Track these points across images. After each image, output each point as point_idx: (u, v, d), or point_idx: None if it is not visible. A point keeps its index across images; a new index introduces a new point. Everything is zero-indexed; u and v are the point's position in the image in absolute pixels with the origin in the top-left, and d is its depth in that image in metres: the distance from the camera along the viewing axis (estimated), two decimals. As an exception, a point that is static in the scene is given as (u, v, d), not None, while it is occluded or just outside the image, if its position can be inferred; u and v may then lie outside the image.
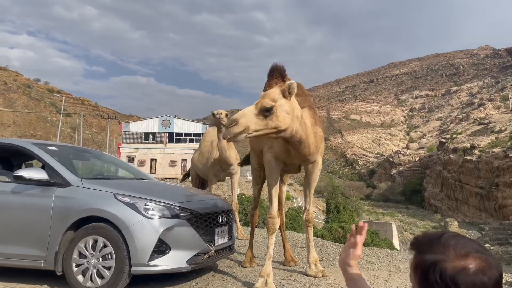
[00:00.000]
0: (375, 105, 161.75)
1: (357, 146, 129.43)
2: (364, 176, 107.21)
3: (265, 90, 5.01)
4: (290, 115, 3.54)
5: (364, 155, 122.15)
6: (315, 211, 45.58)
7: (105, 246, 3.63)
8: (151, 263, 3.59)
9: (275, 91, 3.54)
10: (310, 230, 4.64)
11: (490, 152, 53.41)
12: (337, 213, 25.28)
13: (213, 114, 6.73)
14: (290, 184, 55.88)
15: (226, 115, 6.72)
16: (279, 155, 4.17)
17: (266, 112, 3.41)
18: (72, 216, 3.77)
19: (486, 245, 36.97)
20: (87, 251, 3.66)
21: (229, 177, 7.93)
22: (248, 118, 3.36)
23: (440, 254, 1.07)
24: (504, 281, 4.24)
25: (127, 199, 3.75)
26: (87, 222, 3.75)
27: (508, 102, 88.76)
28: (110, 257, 3.60)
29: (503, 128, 60.03)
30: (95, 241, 3.66)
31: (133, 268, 3.57)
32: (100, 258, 3.62)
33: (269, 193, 4.28)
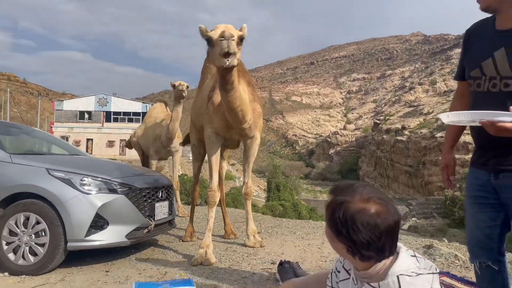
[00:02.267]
0: (315, 87, 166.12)
1: (297, 127, 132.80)
2: (303, 156, 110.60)
3: (204, 67, 5.01)
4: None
5: (304, 135, 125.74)
6: (257, 190, 46.48)
7: (38, 222, 3.51)
8: (88, 238, 3.54)
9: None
10: (249, 203, 4.75)
11: (419, 133, 57.38)
12: (277, 192, 26.04)
13: (173, 86, 6.74)
14: (232, 165, 56.32)
15: (187, 87, 6.78)
16: (219, 130, 4.23)
17: (241, 42, 3.39)
18: (1, 193, 3.60)
19: (413, 218, 40.06)
20: (18, 228, 3.52)
21: (170, 157, 7.91)
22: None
23: (348, 197, 1.25)
24: (422, 244, 4.70)
25: (61, 175, 3.64)
26: (20, 199, 3.60)
27: (435, 86, 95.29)
28: (43, 233, 3.50)
29: (430, 111, 64.49)
30: (27, 218, 3.52)
31: (69, 244, 3.50)
32: (33, 235, 3.51)
33: (210, 168, 4.34)
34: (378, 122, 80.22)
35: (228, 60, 3.23)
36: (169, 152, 7.67)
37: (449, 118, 1.74)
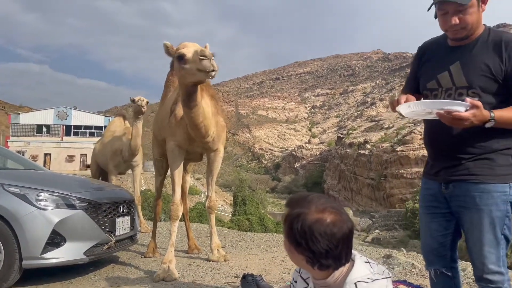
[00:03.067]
0: (281, 102, 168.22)
1: (263, 141, 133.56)
2: (270, 169, 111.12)
3: (167, 80, 5.00)
4: None
5: (270, 149, 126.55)
6: (223, 204, 46.10)
7: (-10, 240, 3.35)
8: (44, 255, 3.41)
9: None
10: (213, 217, 4.72)
11: (380, 146, 59.16)
12: (243, 206, 25.97)
13: (133, 100, 6.67)
14: (198, 179, 55.69)
15: (147, 102, 6.75)
16: (182, 143, 4.21)
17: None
18: (-50, 210, 3.41)
19: (376, 231, 40.96)
20: (-32, 247, 3.35)
21: (130, 170, 7.75)
22: None
23: (304, 208, 1.29)
24: (382, 254, 4.84)
25: (16, 190, 3.50)
26: None
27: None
28: (-3, 251, 3.34)
29: (391, 125, 66.77)
30: (-21, 236, 3.36)
31: (24, 262, 3.36)
32: (-15, 253, 3.34)
33: (172, 181, 4.31)
34: (341, 136, 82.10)
35: (213, 74, 3.37)
36: (129, 166, 7.53)
37: (410, 108, 1.87)
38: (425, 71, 2.14)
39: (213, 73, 3.35)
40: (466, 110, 1.73)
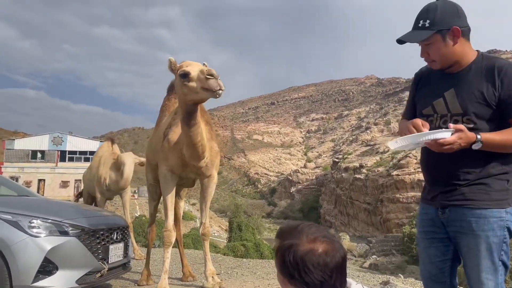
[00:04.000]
0: (276, 126, 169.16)
1: (259, 165, 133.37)
2: (265, 194, 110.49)
3: (163, 104, 5.02)
4: None
5: (266, 174, 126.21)
6: (218, 230, 45.55)
7: (-20, 268, 3.28)
8: (35, 284, 3.33)
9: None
10: (207, 244, 4.65)
11: (376, 171, 59.22)
12: (239, 232, 25.63)
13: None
14: (193, 204, 55.17)
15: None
16: (175, 168, 4.19)
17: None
18: None
19: (373, 256, 40.47)
20: (-43, 276, 3.26)
21: (119, 195, 7.60)
22: None
23: (295, 239, 1.26)
24: (380, 281, 4.77)
25: (8, 217, 3.45)
26: None
27: (390, 126, 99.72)
28: (-14, 280, 3.26)
29: (386, 150, 67.00)
30: (-32, 264, 3.29)
31: (14, 291, 3.28)
32: (-26, 283, 3.26)
33: (165, 207, 4.26)
34: (337, 160, 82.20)
35: (220, 93, 3.39)
36: (116, 192, 7.39)
37: (397, 143, 1.93)
38: (421, 97, 2.18)
39: (220, 92, 3.36)
40: (452, 134, 1.81)
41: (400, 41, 2.01)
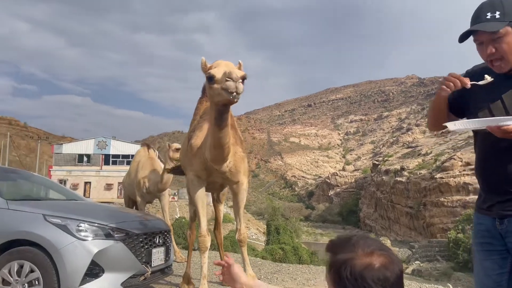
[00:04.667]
0: (313, 129, 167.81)
1: (296, 168, 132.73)
2: (303, 197, 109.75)
3: (196, 107, 4.99)
4: None
5: (303, 177, 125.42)
6: (256, 233, 45.65)
7: (32, 271, 3.42)
8: (83, 286, 3.44)
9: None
10: (244, 250, 4.60)
11: (418, 173, 57.25)
12: (277, 235, 25.58)
13: (177, 149, 6.41)
14: (231, 207, 55.66)
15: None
16: (200, 173, 4.18)
17: (243, 82, 3.40)
18: (-5, 240, 3.53)
19: (416, 262, 39.14)
20: (11, 277, 3.42)
21: (158, 199, 7.73)
22: None
23: (350, 253, 1.19)
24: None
25: (58, 221, 3.59)
26: (15, 246, 3.52)
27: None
28: (37, 282, 3.40)
29: (428, 151, 64.76)
30: (21, 266, 3.44)
31: (63, 293, 3.40)
32: (26, 284, 3.41)
33: (196, 212, 4.27)
34: (377, 163, 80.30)
35: (235, 96, 3.30)
36: (155, 195, 7.53)
37: (456, 126, 1.87)
38: (475, 99, 2.04)
39: (235, 95, 3.29)
40: None
41: (464, 36, 1.87)
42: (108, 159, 48.27)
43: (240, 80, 3.30)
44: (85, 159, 48.21)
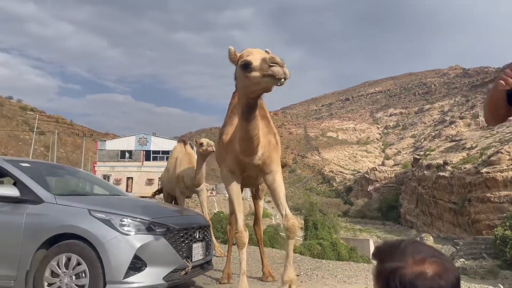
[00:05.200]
0: (351, 123, 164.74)
1: (334, 163, 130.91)
2: (341, 193, 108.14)
3: (232, 99, 4.93)
4: None
5: (341, 172, 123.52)
6: (294, 228, 45.48)
7: (78, 264, 3.54)
8: (126, 280, 3.52)
9: None
10: (291, 243, 4.11)
11: (462, 168, 54.93)
12: (315, 230, 25.37)
13: (201, 144, 6.40)
14: (268, 202, 55.79)
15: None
16: (233, 168, 4.14)
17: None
18: (44, 234, 3.68)
19: (461, 259, 37.70)
20: (59, 269, 3.56)
21: (196, 194, 7.80)
22: None
23: (399, 261, 1.10)
24: (476, 291, 4.36)
25: (102, 215, 3.69)
26: (61, 240, 3.66)
27: (478, 119, 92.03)
28: (84, 275, 3.52)
29: (474, 145, 61.97)
30: (69, 259, 3.57)
31: (108, 286, 3.49)
32: (73, 277, 3.53)
33: (232, 209, 4.25)
34: (418, 157, 77.80)
35: (283, 82, 3.12)
36: (194, 191, 7.59)
37: None
38: None
39: (283, 81, 3.10)
40: None
41: None
42: (148, 155, 49.64)
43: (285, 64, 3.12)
44: (127, 155, 49.83)
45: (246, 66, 3.25)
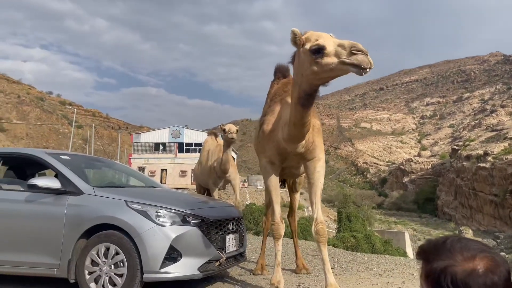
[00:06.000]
0: (386, 113, 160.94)
1: (368, 154, 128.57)
2: (375, 184, 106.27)
3: (271, 88, 4.76)
4: None
5: (375, 163, 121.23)
6: (327, 220, 45.21)
7: (117, 253, 3.64)
8: (162, 270, 3.59)
9: None
10: (324, 249, 3.74)
11: (504, 159, 52.64)
12: (348, 222, 25.02)
13: (224, 130, 6.47)
14: (301, 193, 55.59)
15: (237, 131, 6.56)
16: (274, 158, 4.06)
17: None
18: (85, 224, 3.80)
19: (502, 253, 36.28)
20: (99, 258, 3.68)
21: (230, 184, 7.82)
22: None
23: (448, 260, 1.06)
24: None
25: (138, 207, 3.78)
26: (100, 230, 3.78)
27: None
28: (122, 264, 3.61)
29: (516, 135, 59.15)
30: (107, 249, 3.67)
31: (145, 276, 3.57)
32: (112, 266, 3.64)
33: (270, 200, 4.20)
34: (456, 148, 75.16)
35: (365, 72, 2.87)
36: (226, 181, 7.62)
37: None
38: None
39: (368, 70, 2.84)
40: None
41: None
42: (182, 147, 50.53)
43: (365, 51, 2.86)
44: (161, 147, 50.93)
45: (318, 51, 3.01)
